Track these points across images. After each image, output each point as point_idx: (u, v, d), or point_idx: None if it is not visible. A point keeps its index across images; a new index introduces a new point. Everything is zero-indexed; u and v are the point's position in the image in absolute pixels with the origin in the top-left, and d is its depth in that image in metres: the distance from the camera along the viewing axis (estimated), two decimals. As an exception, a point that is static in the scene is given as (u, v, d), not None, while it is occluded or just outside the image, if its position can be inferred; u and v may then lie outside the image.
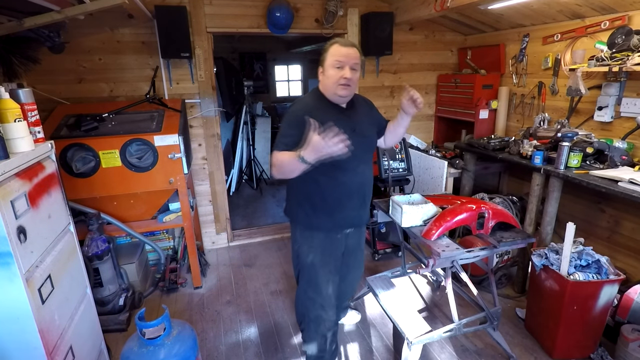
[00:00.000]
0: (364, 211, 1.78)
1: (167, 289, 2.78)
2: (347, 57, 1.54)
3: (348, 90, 1.57)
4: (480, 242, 1.94)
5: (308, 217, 1.70)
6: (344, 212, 1.69)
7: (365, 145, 1.69)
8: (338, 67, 1.54)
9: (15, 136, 1.38)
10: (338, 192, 1.66)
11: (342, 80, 1.54)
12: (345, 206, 1.68)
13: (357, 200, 1.71)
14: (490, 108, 3.29)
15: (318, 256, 1.73)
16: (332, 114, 1.60)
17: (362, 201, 1.74)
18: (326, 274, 1.76)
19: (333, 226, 1.71)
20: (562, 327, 1.99)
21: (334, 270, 1.79)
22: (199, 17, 2.94)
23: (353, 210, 1.71)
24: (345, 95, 1.59)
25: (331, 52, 1.57)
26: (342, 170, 1.60)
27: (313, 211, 1.69)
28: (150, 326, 1.53)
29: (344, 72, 1.53)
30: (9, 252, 1.23)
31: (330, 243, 1.74)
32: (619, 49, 2.15)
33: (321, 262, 1.74)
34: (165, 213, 2.77)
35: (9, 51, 2.22)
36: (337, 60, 1.54)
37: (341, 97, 1.60)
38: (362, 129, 1.66)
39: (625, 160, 2.21)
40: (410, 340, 1.89)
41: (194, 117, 3.16)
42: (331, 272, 1.77)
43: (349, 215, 1.71)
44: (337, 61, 1.54)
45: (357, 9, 3.32)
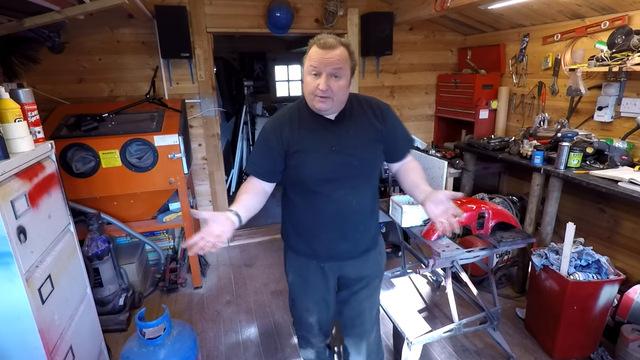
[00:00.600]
0: (348, 244, 1.40)
1: (167, 289, 2.78)
2: (322, 62, 1.17)
3: (326, 103, 1.22)
4: (480, 242, 1.94)
5: (289, 237, 1.48)
6: (320, 242, 1.40)
7: (351, 168, 1.31)
8: (314, 73, 1.20)
9: (15, 136, 1.38)
10: (311, 218, 1.38)
11: (318, 92, 1.20)
12: (318, 235, 1.39)
13: (332, 231, 1.37)
14: (490, 108, 3.29)
15: (297, 279, 1.51)
16: (310, 127, 1.30)
17: (341, 233, 1.37)
18: (306, 302, 1.51)
19: (312, 253, 1.43)
20: (562, 327, 1.99)
21: (319, 302, 1.50)
22: (199, 17, 2.94)
23: (330, 241, 1.39)
24: (324, 109, 1.25)
25: (308, 55, 1.23)
26: (315, 194, 1.32)
27: (293, 232, 1.46)
28: (150, 326, 1.53)
29: (318, 82, 1.19)
30: (9, 252, 1.23)
31: (310, 271, 1.46)
32: (619, 49, 2.15)
33: (300, 288, 1.51)
34: (165, 213, 2.77)
35: (9, 51, 2.22)
36: (311, 65, 1.20)
37: (320, 110, 1.26)
38: (347, 148, 1.30)
39: (625, 160, 2.21)
40: (410, 340, 1.89)
41: (194, 117, 3.16)
42: (314, 303, 1.51)
43: (325, 246, 1.40)
44: (312, 67, 1.20)
45: (357, 9, 3.32)
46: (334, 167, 1.29)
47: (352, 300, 1.52)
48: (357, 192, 1.34)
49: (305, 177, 1.30)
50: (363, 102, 1.38)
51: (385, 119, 1.35)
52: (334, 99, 1.23)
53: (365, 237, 1.44)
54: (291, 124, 1.31)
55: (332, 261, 1.44)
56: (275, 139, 1.30)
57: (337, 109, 1.30)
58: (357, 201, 1.35)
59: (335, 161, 1.29)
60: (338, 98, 1.24)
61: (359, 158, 1.31)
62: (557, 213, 2.42)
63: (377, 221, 1.50)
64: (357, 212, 1.37)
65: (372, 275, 1.51)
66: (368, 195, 1.39)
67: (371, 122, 1.34)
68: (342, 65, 1.20)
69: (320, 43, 1.19)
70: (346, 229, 1.37)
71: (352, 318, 1.55)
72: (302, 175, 1.30)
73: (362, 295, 1.51)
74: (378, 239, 1.53)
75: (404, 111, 3.82)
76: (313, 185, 1.30)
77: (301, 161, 1.29)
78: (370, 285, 1.52)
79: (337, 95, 1.22)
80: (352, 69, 1.26)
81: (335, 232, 1.37)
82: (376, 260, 1.51)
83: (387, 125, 1.36)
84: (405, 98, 3.78)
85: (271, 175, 1.35)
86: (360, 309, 1.53)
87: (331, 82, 1.20)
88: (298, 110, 1.35)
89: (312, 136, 1.29)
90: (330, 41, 1.19)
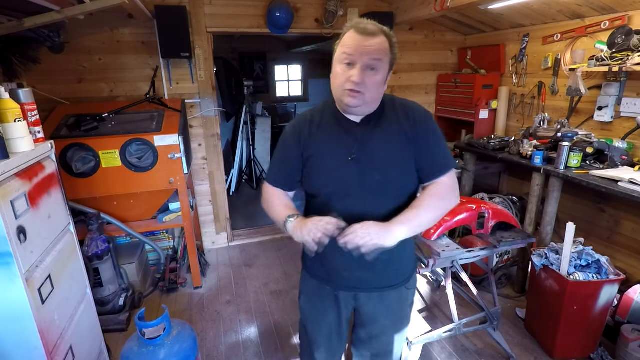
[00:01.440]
0: (365, 273, 1.19)
1: (167, 289, 2.78)
2: (359, 50, 1.00)
3: (358, 99, 1.03)
4: (480, 242, 1.94)
5: (305, 255, 1.31)
6: (334, 266, 1.21)
7: (371, 182, 1.10)
8: (347, 62, 1.02)
9: (15, 136, 1.38)
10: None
11: (348, 85, 1.02)
12: (333, 260, 1.20)
13: (346, 258, 1.10)
14: (490, 108, 3.29)
15: (308, 305, 1.35)
16: (331, 129, 1.13)
17: (359, 263, 1.08)
18: (316, 334, 1.35)
19: (327, 277, 1.25)
20: (562, 327, 1.99)
21: (331, 336, 1.34)
22: (199, 17, 2.94)
23: (344, 270, 1.20)
24: (354, 106, 1.05)
25: (342, 41, 1.04)
26: (330, 208, 1.10)
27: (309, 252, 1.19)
28: (150, 326, 1.53)
29: (351, 73, 1.01)
30: (9, 252, 1.23)
31: (324, 297, 1.28)
32: (619, 49, 2.15)
33: (311, 315, 1.35)
34: (165, 213, 2.77)
35: (9, 51, 2.22)
36: (344, 53, 1.02)
37: (348, 107, 1.06)
38: (368, 157, 1.09)
39: (625, 160, 2.21)
40: (410, 340, 1.89)
41: (194, 117, 3.16)
42: (325, 337, 1.34)
43: (340, 274, 1.21)
44: (345, 55, 1.02)
45: (357, 9, 3.32)
46: (349, 180, 1.09)
47: (370, 342, 1.33)
48: (377, 214, 1.08)
49: (317, 188, 1.13)
50: (398, 105, 1.15)
51: (419, 127, 1.12)
52: (366, 96, 1.04)
53: (390, 268, 1.21)
54: (311, 124, 1.15)
55: (346, 290, 1.25)
56: (293, 141, 1.16)
57: (368, 110, 1.10)
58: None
59: (351, 173, 1.09)
60: (371, 95, 1.05)
61: (382, 172, 1.09)
62: (557, 213, 2.42)
63: (409, 253, 1.25)
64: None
65: (396, 311, 1.28)
66: (392, 218, 1.07)
67: (403, 129, 1.11)
68: (381, 56, 1.02)
69: (359, 28, 1.01)
70: (364, 258, 1.05)
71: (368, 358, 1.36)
72: (314, 185, 1.14)
73: (380, 334, 1.31)
74: (411, 276, 1.27)
75: (404, 111, 3.82)
76: (327, 198, 1.12)
77: (315, 168, 1.13)
78: (395, 321, 1.30)
79: (370, 92, 1.04)
80: (391, 64, 1.07)
81: (351, 259, 1.09)
82: (400, 298, 1.26)
83: (420, 135, 1.11)
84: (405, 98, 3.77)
85: (288, 183, 1.21)
86: (377, 352, 1.34)
87: (366, 75, 1.01)
88: (322, 109, 1.18)
89: (330, 140, 1.12)
90: (371, 27, 1.01)
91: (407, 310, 1.34)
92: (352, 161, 1.09)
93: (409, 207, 1.10)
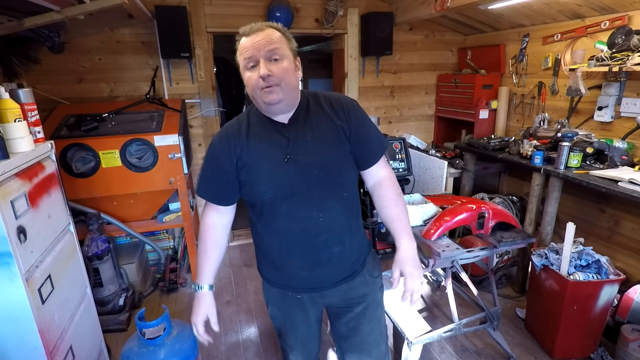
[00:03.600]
0: (324, 271, 1.18)
1: (167, 289, 2.78)
2: (256, 47, 1.01)
3: (275, 92, 1.02)
4: (480, 242, 1.94)
5: (260, 265, 1.30)
6: (290, 270, 1.19)
7: (311, 179, 1.09)
8: (251, 65, 1.03)
9: (15, 136, 1.38)
10: (276, 243, 1.17)
11: (260, 83, 1.01)
12: (287, 263, 1.18)
13: (301, 256, 1.15)
14: (490, 108, 3.29)
15: (276, 312, 1.33)
16: (260, 134, 1.11)
17: (313, 259, 1.15)
18: (290, 339, 1.35)
19: (285, 283, 1.23)
20: (562, 327, 1.99)
21: (305, 340, 1.35)
22: (199, 17, 2.94)
23: (301, 269, 1.18)
24: (275, 102, 1.04)
25: (239, 51, 1.06)
26: (274, 214, 1.12)
27: (263, 259, 1.27)
28: (150, 326, 1.53)
29: (258, 70, 1.01)
30: (9, 252, 1.23)
31: (288, 303, 1.27)
32: (619, 49, 2.15)
33: (282, 322, 1.34)
34: (165, 213, 2.77)
35: (9, 51, 2.22)
36: (245, 58, 1.03)
37: (270, 105, 1.05)
38: (304, 155, 1.09)
39: (625, 160, 2.21)
40: (410, 340, 1.89)
41: (194, 117, 3.16)
42: (299, 341, 1.35)
43: (297, 274, 1.19)
44: (246, 59, 1.03)
45: (357, 9, 3.32)
46: (290, 180, 1.08)
47: (350, 336, 1.31)
48: (324, 208, 1.11)
49: (258, 195, 1.10)
50: (322, 98, 1.16)
51: (349, 116, 1.13)
52: (282, 86, 1.02)
53: (346, 260, 1.19)
54: (239, 132, 1.12)
55: (310, 292, 1.22)
56: (222, 153, 1.11)
57: (290, 104, 1.09)
58: (326, 218, 1.11)
59: (290, 173, 1.08)
60: (287, 84, 1.03)
61: (319, 166, 1.09)
62: (557, 213, 2.42)
63: (360, 239, 1.25)
64: (328, 232, 1.13)
65: (365, 296, 1.26)
66: (338, 209, 1.13)
67: (332, 120, 1.12)
68: (276, 45, 1.02)
69: (245, 31, 1.04)
70: (318, 254, 1.14)
71: (354, 352, 1.33)
72: (256, 192, 1.11)
73: (357, 325, 1.28)
74: (366, 259, 1.28)
75: (404, 111, 3.82)
76: (270, 204, 1.11)
77: (252, 176, 1.10)
78: (367, 307, 1.27)
79: (283, 80, 1.02)
80: (293, 52, 1.08)
81: (305, 257, 1.15)
82: (365, 282, 1.26)
83: (352, 123, 1.13)
84: (405, 98, 3.78)
85: (224, 198, 1.18)
86: (361, 345, 1.31)
87: (271, 66, 1.01)
88: (247, 117, 1.16)
89: (262, 145, 1.10)
90: (255, 25, 1.04)
91: (379, 295, 1.32)
92: (289, 161, 1.08)
93: (395, 219, 1.19)
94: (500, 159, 2.72)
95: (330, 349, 2.21)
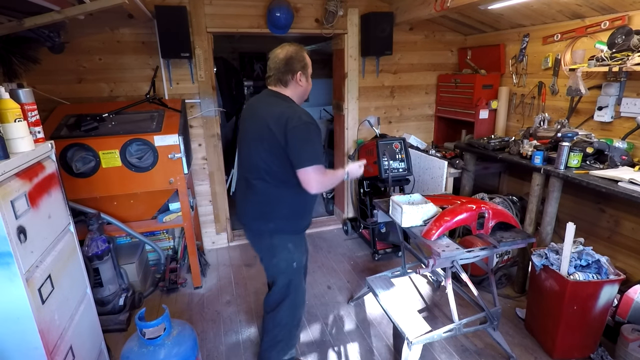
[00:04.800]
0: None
1: (167, 289, 2.78)
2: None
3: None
4: (480, 242, 1.94)
5: (297, 223, 1.78)
6: (310, 219, 1.87)
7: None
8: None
9: (15, 136, 1.38)
10: (310, 199, 1.77)
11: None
12: (311, 211, 1.86)
13: (312, 210, 1.88)
14: (490, 108, 3.29)
15: (303, 253, 1.85)
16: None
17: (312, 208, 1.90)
18: (303, 267, 1.89)
19: (306, 227, 1.86)
20: (562, 327, 1.99)
21: (300, 269, 1.89)
22: (199, 17, 2.94)
23: (311, 217, 1.89)
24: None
25: (309, 64, 1.70)
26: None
27: (301, 216, 1.78)
28: (150, 326, 1.53)
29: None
30: (9, 252, 1.23)
31: (304, 240, 1.90)
32: (619, 49, 2.15)
33: (303, 258, 1.87)
34: (165, 213, 2.77)
35: (9, 51, 2.22)
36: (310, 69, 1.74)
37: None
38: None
39: (625, 160, 2.21)
40: (411, 340, 1.89)
41: (194, 117, 3.16)
42: (303, 272, 1.93)
43: (310, 220, 1.89)
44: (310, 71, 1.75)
45: (357, 9, 3.32)
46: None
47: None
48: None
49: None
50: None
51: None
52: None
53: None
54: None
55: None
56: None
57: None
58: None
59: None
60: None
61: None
62: (557, 213, 2.42)
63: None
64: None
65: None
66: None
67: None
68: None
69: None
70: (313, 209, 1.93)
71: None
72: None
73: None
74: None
75: (404, 111, 3.82)
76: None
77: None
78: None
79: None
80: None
81: (311, 206, 1.86)
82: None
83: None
84: (405, 98, 3.78)
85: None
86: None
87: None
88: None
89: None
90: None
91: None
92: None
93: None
94: (500, 159, 2.72)
95: (330, 349, 2.21)
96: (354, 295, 2.70)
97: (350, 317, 2.50)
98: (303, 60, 1.65)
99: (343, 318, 2.49)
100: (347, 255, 3.31)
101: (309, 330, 2.38)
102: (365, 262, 3.22)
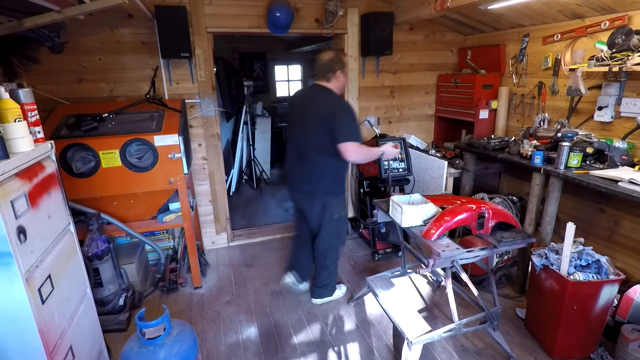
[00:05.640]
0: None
1: (167, 289, 2.78)
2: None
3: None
4: (480, 242, 1.94)
5: (341, 185, 2.39)
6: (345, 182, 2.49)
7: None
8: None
9: (15, 136, 1.38)
10: (346, 169, 2.39)
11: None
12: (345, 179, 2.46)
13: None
14: (490, 108, 3.29)
15: (344, 211, 2.51)
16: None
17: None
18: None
19: (345, 190, 2.46)
20: (562, 327, 1.99)
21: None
22: (199, 17, 2.94)
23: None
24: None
25: (347, 63, 2.25)
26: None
27: (343, 180, 2.40)
28: (150, 326, 1.53)
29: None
30: (9, 252, 1.23)
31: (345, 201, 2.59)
32: (619, 49, 2.15)
33: (345, 215, 2.55)
34: (165, 213, 2.77)
35: (9, 51, 2.22)
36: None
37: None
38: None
39: (625, 160, 2.21)
40: (410, 340, 1.89)
41: (194, 117, 3.16)
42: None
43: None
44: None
45: (357, 9, 3.32)
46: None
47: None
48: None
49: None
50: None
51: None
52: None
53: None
54: None
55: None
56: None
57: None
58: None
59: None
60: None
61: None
62: (557, 213, 2.42)
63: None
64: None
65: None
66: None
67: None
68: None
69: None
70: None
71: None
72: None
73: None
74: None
75: (404, 111, 3.82)
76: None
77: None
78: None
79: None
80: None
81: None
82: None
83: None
84: (405, 98, 3.78)
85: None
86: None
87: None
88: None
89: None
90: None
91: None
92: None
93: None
94: (500, 159, 2.72)
95: (330, 349, 2.21)
96: (354, 295, 2.70)
97: (350, 317, 2.50)
98: (341, 62, 2.18)
99: (343, 318, 2.49)
100: (347, 255, 3.31)
101: (309, 330, 2.38)
102: (365, 262, 3.22)
